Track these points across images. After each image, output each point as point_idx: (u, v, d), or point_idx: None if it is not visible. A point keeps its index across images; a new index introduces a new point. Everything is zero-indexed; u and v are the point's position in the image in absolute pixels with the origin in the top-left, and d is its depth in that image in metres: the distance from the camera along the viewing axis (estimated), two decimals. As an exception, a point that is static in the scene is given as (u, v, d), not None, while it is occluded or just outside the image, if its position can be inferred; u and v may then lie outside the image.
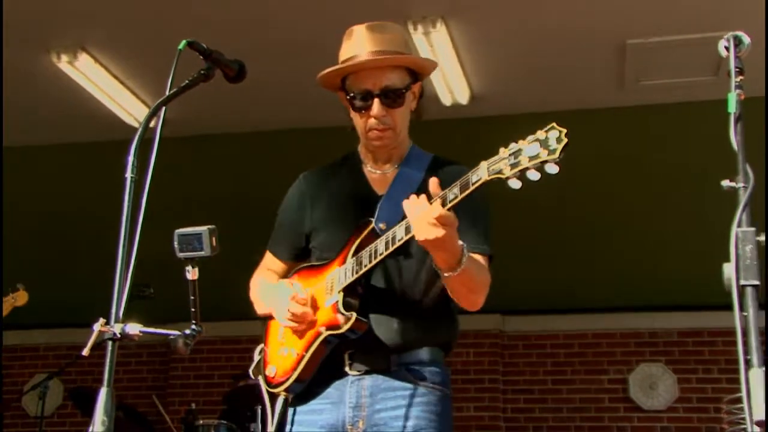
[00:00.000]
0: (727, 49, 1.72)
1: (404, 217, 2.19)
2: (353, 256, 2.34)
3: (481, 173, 2.04)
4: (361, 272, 2.31)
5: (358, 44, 2.44)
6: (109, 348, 1.63)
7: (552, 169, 1.96)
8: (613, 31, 5.32)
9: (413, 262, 2.38)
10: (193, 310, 1.71)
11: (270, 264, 2.66)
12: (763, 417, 1.30)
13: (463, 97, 5.91)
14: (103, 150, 5.79)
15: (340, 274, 2.35)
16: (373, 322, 2.35)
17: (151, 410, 6.61)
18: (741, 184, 1.50)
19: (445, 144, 6.76)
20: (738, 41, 1.72)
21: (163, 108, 1.93)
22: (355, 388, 2.35)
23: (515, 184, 1.99)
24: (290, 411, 2.44)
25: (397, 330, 2.35)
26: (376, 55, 2.40)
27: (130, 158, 1.76)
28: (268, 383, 2.45)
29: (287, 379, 2.39)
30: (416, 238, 2.13)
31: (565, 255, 7.20)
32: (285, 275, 2.60)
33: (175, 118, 6.28)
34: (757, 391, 1.30)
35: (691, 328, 7.41)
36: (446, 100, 5.92)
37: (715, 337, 7.39)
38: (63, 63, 5.51)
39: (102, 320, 1.63)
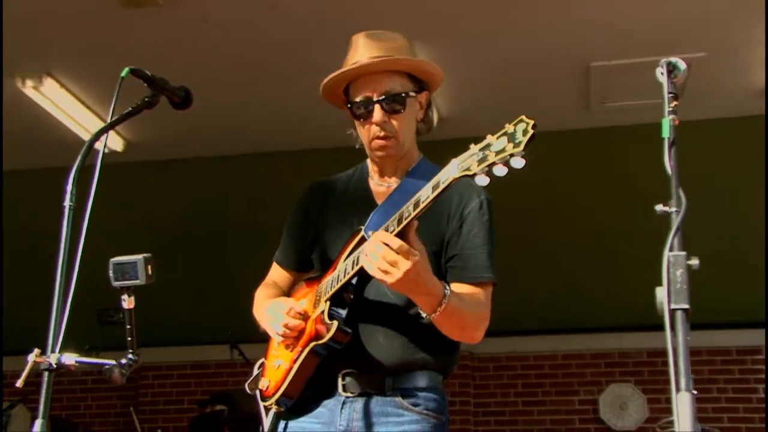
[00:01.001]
0: (663, 74, 1.73)
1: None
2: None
3: (452, 171, 1.93)
4: (343, 281, 2.23)
5: (359, 52, 2.37)
6: (45, 379, 1.61)
7: (517, 163, 1.83)
8: (576, 54, 5.38)
9: None
10: (129, 339, 1.69)
11: (274, 275, 2.60)
12: (690, 440, 1.31)
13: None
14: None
15: (328, 283, 2.30)
16: (368, 340, 2.28)
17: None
18: (674, 209, 1.52)
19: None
20: (672, 67, 1.73)
21: (105, 135, 1.91)
22: (347, 411, 2.28)
23: (482, 180, 1.88)
24: (282, 424, 2.37)
25: (394, 349, 2.27)
26: (374, 60, 2.33)
27: (69, 186, 1.74)
28: (263, 396, 2.41)
29: (276, 392, 2.34)
30: (386, 284, 2.03)
31: (534, 276, 7.21)
32: (290, 285, 2.56)
33: (146, 141, 6.33)
34: (684, 415, 1.31)
35: (660, 348, 7.37)
36: (414, 123, 5.95)
37: (684, 356, 7.41)
38: (28, 88, 5.50)
39: (36, 350, 1.61)
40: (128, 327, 1.70)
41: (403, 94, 2.33)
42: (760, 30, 4.82)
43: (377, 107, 2.32)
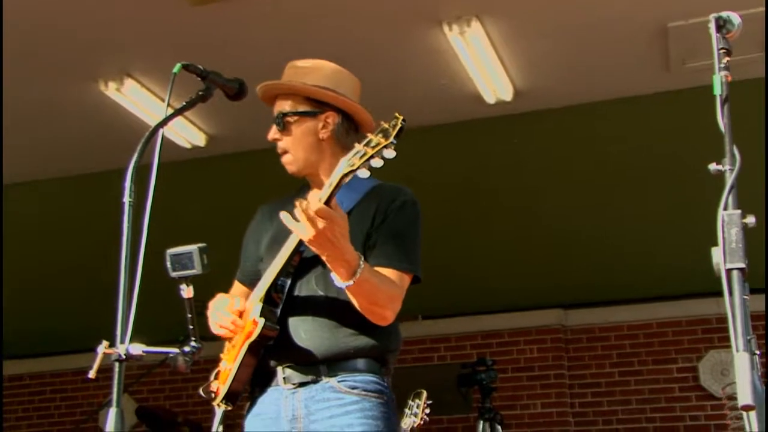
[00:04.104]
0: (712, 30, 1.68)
1: None
2: None
3: (340, 168, 2.17)
4: (269, 282, 2.43)
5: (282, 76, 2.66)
6: (116, 369, 1.67)
7: (388, 154, 2.10)
8: (652, 16, 5.24)
9: None
10: (191, 327, 1.74)
11: (235, 291, 2.76)
12: (748, 401, 1.28)
13: (507, 94, 5.87)
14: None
15: (259, 286, 2.49)
16: (300, 333, 2.43)
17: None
18: (727, 167, 1.48)
19: (494, 141, 6.78)
20: (723, 22, 1.69)
21: (161, 131, 1.97)
22: (290, 402, 2.43)
23: (363, 173, 2.13)
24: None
25: (324, 339, 2.42)
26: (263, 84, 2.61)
27: (127, 183, 1.80)
28: (214, 397, 2.55)
29: (223, 390, 2.49)
30: (304, 241, 2.22)
31: (623, 245, 7.10)
32: None
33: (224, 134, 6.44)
34: (743, 376, 1.28)
35: (760, 311, 7.21)
36: (489, 98, 5.90)
37: (786, 318, 7.22)
38: (111, 90, 5.64)
39: (105, 342, 1.68)
40: (189, 316, 1.75)
41: (282, 115, 2.58)
42: None
43: (273, 125, 2.61)
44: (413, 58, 5.47)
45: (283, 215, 2.25)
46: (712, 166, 1.53)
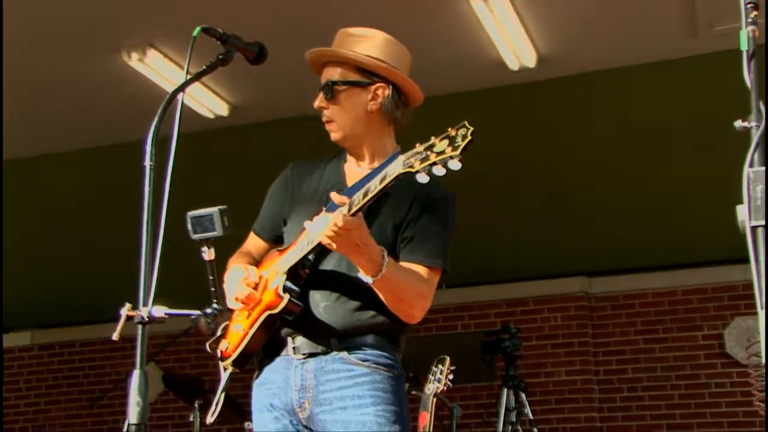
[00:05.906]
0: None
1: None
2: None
3: (397, 167, 2.12)
4: (299, 257, 2.39)
5: (333, 43, 2.60)
6: (139, 332, 1.68)
7: (454, 165, 2.03)
8: (679, -22, 5.18)
9: None
10: (212, 289, 1.75)
11: (250, 244, 2.74)
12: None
13: (531, 61, 5.82)
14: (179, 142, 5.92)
15: (286, 257, 2.46)
16: (317, 306, 2.43)
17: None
18: (753, 124, 1.46)
19: (518, 109, 6.71)
20: (750, -25, 1.65)
21: (181, 95, 1.96)
22: (300, 372, 2.43)
23: (422, 178, 2.07)
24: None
25: (340, 313, 2.41)
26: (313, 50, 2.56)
27: (148, 147, 1.80)
28: (222, 357, 2.56)
29: (233, 355, 2.49)
30: (332, 249, 2.24)
31: (647, 212, 7.05)
32: (263, 255, 2.69)
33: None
34: (765, 333, 1.27)
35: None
36: (513, 65, 5.86)
37: (813, 285, 7.14)
38: (134, 61, 5.65)
39: (128, 305, 1.69)
40: (210, 278, 1.76)
41: (332, 83, 2.52)
42: None
43: (320, 93, 2.55)
44: (436, 26, 5.43)
45: (308, 227, 2.26)
46: (738, 123, 1.51)
